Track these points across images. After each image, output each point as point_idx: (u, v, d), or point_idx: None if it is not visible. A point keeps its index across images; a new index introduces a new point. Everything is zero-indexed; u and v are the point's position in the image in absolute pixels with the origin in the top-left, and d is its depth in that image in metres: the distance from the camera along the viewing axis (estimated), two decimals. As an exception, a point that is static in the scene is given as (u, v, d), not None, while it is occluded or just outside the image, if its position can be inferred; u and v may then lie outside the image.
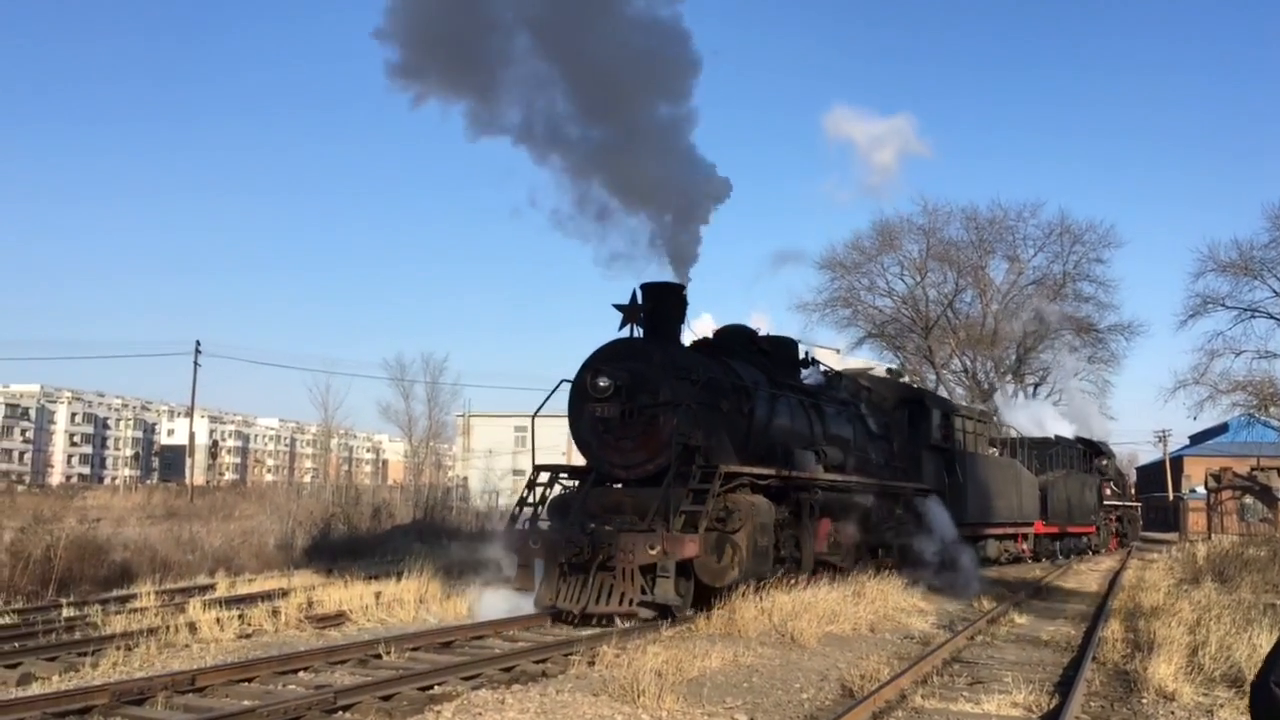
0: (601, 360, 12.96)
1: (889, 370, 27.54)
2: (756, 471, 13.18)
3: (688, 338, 14.66)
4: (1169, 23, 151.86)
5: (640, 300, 13.31)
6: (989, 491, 22.63)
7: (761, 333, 16.54)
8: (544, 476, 14.11)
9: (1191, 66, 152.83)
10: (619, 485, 13.17)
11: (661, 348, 13.18)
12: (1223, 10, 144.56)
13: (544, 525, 13.34)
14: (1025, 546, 26.36)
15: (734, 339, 15.71)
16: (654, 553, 11.51)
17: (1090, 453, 34.15)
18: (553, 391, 13.49)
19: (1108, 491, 35.19)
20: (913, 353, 53.11)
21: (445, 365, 66.33)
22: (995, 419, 27.16)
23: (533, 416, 13.94)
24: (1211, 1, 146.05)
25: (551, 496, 13.82)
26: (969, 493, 20.97)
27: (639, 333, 13.43)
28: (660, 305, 13.45)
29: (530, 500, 13.70)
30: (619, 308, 13.25)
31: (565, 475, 14.26)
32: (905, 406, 19.95)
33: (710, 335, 15.78)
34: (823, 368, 18.25)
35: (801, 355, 17.29)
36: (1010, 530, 24.71)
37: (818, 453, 15.12)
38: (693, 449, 12.46)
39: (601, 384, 12.65)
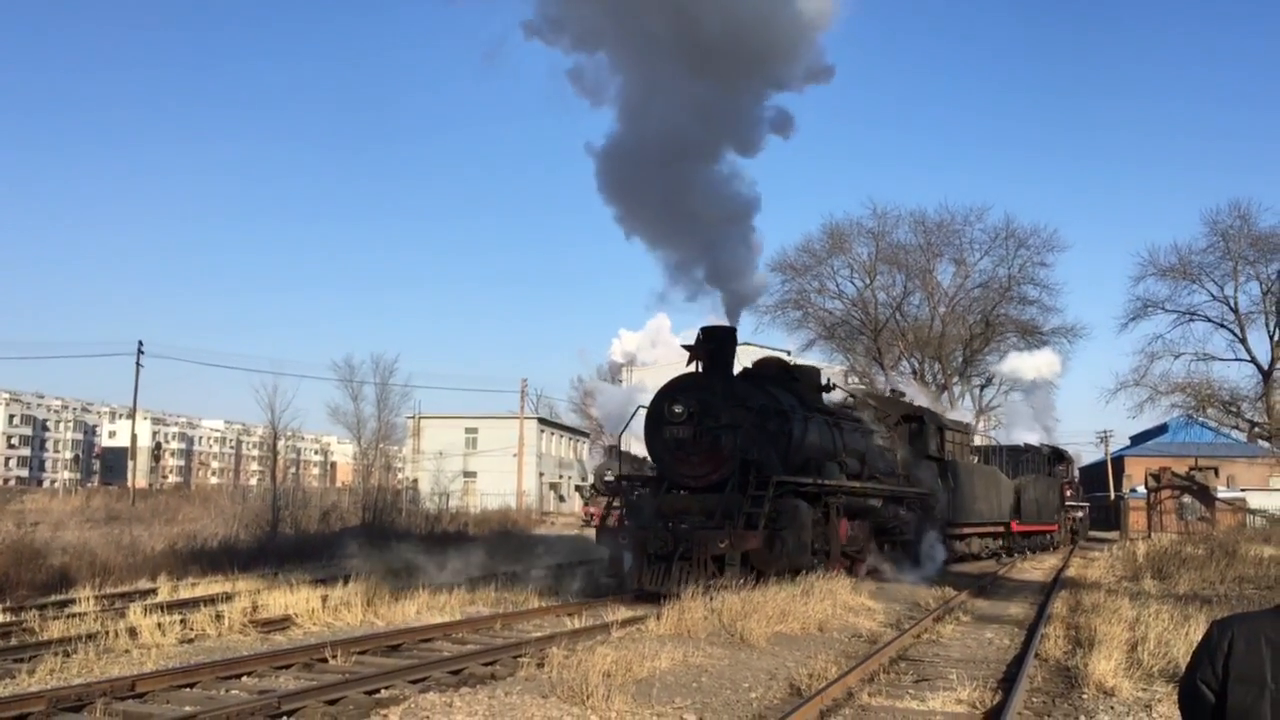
0: (676, 391, 15.64)
1: (892, 390, 30.17)
2: (799, 480, 15.64)
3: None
4: (1110, 32, 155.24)
5: (703, 340, 15.88)
6: (975, 495, 25.05)
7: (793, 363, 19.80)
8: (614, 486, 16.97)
9: (1134, 68, 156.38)
10: (683, 492, 15.61)
11: (722, 380, 15.81)
12: (1166, 18, 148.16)
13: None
14: (1001, 543, 28.73)
15: (771, 369, 18.42)
16: (724, 546, 14.17)
17: (1054, 458, 36.91)
18: (631, 417, 17.47)
19: (1068, 493, 38.01)
20: (862, 355, 53.66)
21: (395, 366, 65.63)
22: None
23: (617, 440, 17.68)
24: (1153, 10, 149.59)
25: (631, 500, 16.37)
26: (959, 497, 23.53)
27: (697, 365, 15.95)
28: (719, 344, 15.99)
29: (616, 505, 16.54)
30: (686, 348, 16.10)
31: (640, 484, 17.03)
32: (906, 422, 22.30)
33: (750, 366, 18.36)
34: (838, 391, 20.95)
35: (824, 381, 19.79)
36: (990, 529, 27.11)
37: (840, 464, 17.62)
38: (749, 463, 14.88)
39: (677, 410, 15.34)
